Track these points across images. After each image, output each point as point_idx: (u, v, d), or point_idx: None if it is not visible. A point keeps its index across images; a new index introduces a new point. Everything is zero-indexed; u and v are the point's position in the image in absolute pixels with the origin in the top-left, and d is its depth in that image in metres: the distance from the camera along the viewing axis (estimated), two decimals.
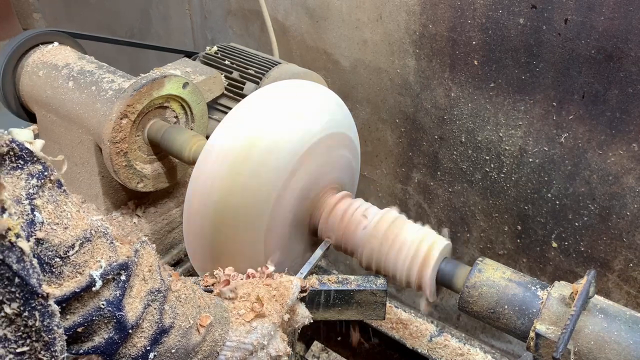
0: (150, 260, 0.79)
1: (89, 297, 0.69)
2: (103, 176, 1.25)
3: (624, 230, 1.39)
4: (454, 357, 1.40)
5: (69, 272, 0.66)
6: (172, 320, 0.80)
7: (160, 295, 0.79)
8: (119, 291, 0.72)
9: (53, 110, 1.27)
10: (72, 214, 0.68)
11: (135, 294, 0.75)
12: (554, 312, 0.86)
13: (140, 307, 0.75)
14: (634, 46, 1.20)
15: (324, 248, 1.08)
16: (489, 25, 1.38)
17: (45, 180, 0.64)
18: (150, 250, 0.81)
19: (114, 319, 0.72)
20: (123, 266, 0.73)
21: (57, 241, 0.65)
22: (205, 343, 0.85)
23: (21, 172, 0.62)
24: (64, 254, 0.66)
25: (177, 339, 0.81)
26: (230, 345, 0.88)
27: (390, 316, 1.50)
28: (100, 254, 0.70)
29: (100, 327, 0.72)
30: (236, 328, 0.90)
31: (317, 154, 1.04)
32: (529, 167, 1.49)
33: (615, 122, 1.30)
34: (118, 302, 0.72)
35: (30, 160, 0.63)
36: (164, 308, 0.79)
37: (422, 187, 1.78)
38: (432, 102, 1.60)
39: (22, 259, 0.55)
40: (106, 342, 0.72)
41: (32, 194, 0.62)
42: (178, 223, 1.37)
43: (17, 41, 1.30)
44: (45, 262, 0.64)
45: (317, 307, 1.03)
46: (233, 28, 2.06)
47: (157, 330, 0.77)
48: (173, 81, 1.17)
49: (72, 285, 0.67)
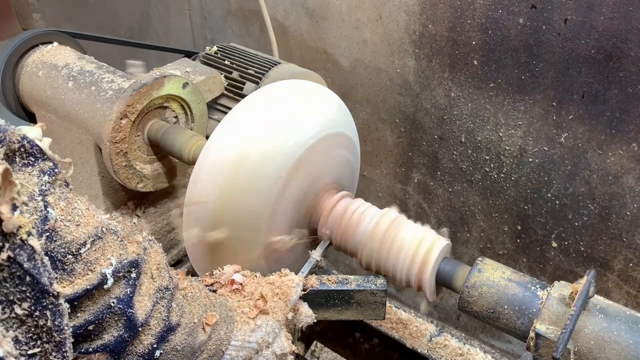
0: (158, 259, 0.79)
1: (100, 295, 0.69)
2: (103, 176, 1.25)
3: (624, 230, 1.39)
4: (453, 357, 1.40)
5: (81, 270, 0.66)
6: (179, 319, 0.80)
7: (169, 293, 0.79)
8: (130, 289, 0.72)
9: (53, 110, 1.27)
10: (83, 211, 0.67)
11: (145, 292, 0.75)
12: (554, 312, 0.86)
13: (150, 305, 0.75)
14: (634, 46, 1.20)
15: (323, 247, 1.08)
16: (489, 25, 1.38)
17: (56, 177, 0.64)
18: (157, 248, 0.81)
19: (125, 316, 0.72)
20: (133, 264, 0.73)
21: (69, 238, 0.65)
22: (211, 342, 0.85)
23: (32, 168, 0.61)
24: (76, 251, 0.65)
25: (184, 337, 0.81)
26: (235, 344, 0.88)
27: (390, 316, 1.50)
28: (111, 252, 0.70)
29: (110, 325, 0.72)
30: (241, 327, 0.90)
31: (316, 154, 1.04)
32: (529, 167, 1.49)
33: (615, 122, 1.30)
34: (129, 299, 0.72)
35: (41, 157, 0.62)
36: (171, 306, 0.79)
37: (421, 187, 1.78)
38: (431, 102, 1.60)
39: (33, 257, 0.55)
40: (116, 340, 0.72)
41: (44, 190, 0.62)
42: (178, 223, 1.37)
43: (16, 41, 1.30)
44: (57, 259, 0.64)
45: (317, 307, 1.03)
46: (233, 28, 2.06)
47: (164, 327, 0.77)
48: (173, 81, 1.17)
49: (84, 282, 0.66)
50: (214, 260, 1.04)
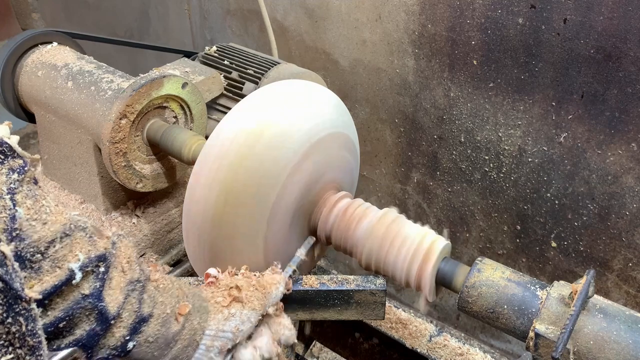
0: (128, 252, 0.79)
1: (69, 291, 0.69)
2: (102, 176, 1.25)
3: (623, 230, 1.39)
4: (453, 356, 1.40)
5: (48, 267, 0.66)
6: (151, 309, 0.80)
7: (140, 284, 0.79)
8: (99, 283, 0.72)
9: (52, 110, 1.26)
10: (51, 208, 0.67)
11: (115, 285, 0.75)
12: (553, 311, 0.86)
13: (121, 298, 0.75)
14: (633, 46, 1.20)
15: (307, 246, 1.07)
16: (488, 25, 1.38)
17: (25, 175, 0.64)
18: (127, 242, 0.81)
19: (95, 310, 0.72)
20: (101, 258, 0.73)
21: (36, 237, 0.64)
22: (185, 331, 0.85)
23: (2, 167, 0.61)
24: (44, 249, 0.65)
25: (157, 328, 0.81)
26: (209, 333, 0.89)
27: (390, 316, 1.50)
28: (79, 248, 0.70)
29: (81, 320, 0.72)
30: (214, 316, 0.90)
31: (316, 154, 1.04)
32: (528, 167, 1.49)
33: (614, 121, 1.30)
34: (98, 293, 0.72)
35: (10, 155, 0.62)
36: (143, 297, 0.79)
37: (421, 187, 1.78)
38: (431, 102, 1.60)
39: (4, 262, 0.54)
40: (87, 334, 0.73)
41: (13, 189, 0.61)
42: (177, 223, 1.37)
43: (16, 41, 1.30)
44: (26, 259, 0.63)
45: (317, 307, 1.03)
46: (232, 28, 2.06)
47: (136, 319, 0.78)
48: (172, 81, 1.17)
49: (53, 279, 0.66)
50: (213, 259, 1.04)
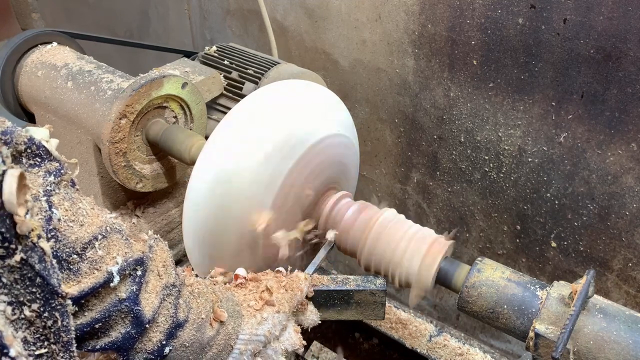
0: (164, 256, 0.80)
1: (106, 293, 0.70)
2: (102, 176, 1.25)
3: (623, 230, 1.39)
4: (453, 357, 1.40)
5: (86, 269, 0.67)
6: (186, 315, 0.81)
7: (175, 289, 0.79)
8: (136, 286, 0.73)
9: (52, 110, 1.26)
10: (87, 211, 0.68)
11: (151, 289, 0.76)
12: (553, 311, 0.86)
13: (157, 302, 0.76)
14: (633, 46, 1.20)
15: (327, 249, 1.08)
16: (488, 25, 1.38)
17: (62, 178, 0.65)
18: (163, 246, 0.81)
19: (131, 313, 0.72)
20: (139, 261, 0.73)
21: (73, 238, 0.65)
22: (219, 337, 0.86)
23: (38, 169, 0.62)
24: (81, 250, 0.66)
25: (192, 333, 0.82)
26: (243, 338, 0.89)
27: (390, 316, 1.50)
28: (116, 250, 0.70)
29: (117, 322, 0.72)
30: (247, 320, 0.90)
31: (316, 154, 1.04)
32: (528, 167, 1.49)
33: (614, 121, 1.30)
34: (135, 297, 0.72)
35: (47, 158, 0.63)
36: (178, 302, 0.80)
37: (421, 187, 1.78)
38: (431, 102, 1.60)
39: (43, 259, 0.56)
40: (123, 336, 0.73)
41: (49, 190, 0.63)
42: (177, 223, 1.37)
43: (15, 41, 1.30)
44: (63, 259, 0.64)
45: (317, 307, 1.03)
46: (232, 28, 2.06)
47: (172, 324, 0.78)
48: (172, 81, 1.17)
49: (91, 281, 0.67)
50: (213, 259, 1.04)
